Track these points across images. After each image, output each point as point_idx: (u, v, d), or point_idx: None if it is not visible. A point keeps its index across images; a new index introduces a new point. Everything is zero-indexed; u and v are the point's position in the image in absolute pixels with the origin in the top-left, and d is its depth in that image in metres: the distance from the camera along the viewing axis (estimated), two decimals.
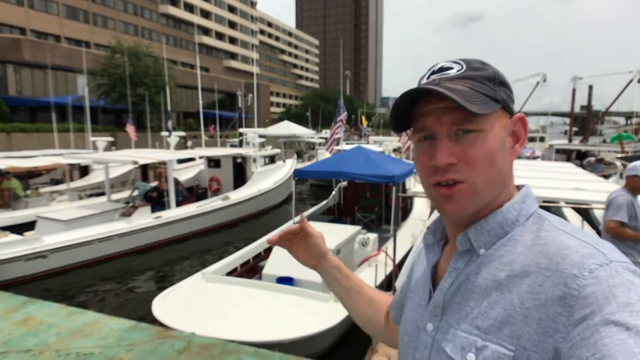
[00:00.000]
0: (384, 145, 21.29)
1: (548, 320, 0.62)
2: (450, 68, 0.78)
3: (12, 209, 11.99)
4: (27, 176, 15.48)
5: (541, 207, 0.81)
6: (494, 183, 0.75)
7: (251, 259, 8.24)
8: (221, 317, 5.39)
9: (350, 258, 7.89)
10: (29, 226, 10.70)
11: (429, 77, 0.80)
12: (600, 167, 19.23)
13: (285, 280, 6.59)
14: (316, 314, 5.43)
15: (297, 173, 10.14)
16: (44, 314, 3.98)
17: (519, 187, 0.83)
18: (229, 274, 7.41)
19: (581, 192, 5.61)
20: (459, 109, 0.72)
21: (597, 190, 5.68)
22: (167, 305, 5.79)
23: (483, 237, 0.76)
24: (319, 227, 7.80)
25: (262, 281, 6.60)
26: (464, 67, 0.78)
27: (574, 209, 8.73)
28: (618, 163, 15.85)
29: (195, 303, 5.88)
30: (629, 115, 34.40)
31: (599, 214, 8.84)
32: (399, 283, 6.04)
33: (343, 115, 13.49)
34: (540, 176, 7.20)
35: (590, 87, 35.47)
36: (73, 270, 9.27)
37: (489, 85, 0.76)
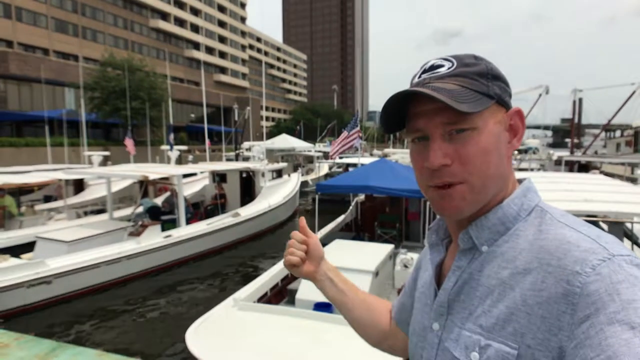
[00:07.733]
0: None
1: (552, 318, 0.60)
2: (441, 66, 0.77)
3: (6, 229, 11.06)
4: (18, 193, 14.51)
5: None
6: (492, 181, 0.73)
7: (279, 281, 7.55)
8: (269, 353, 4.67)
9: (389, 280, 7.25)
10: (25, 248, 9.82)
11: (420, 76, 0.78)
12: None
13: (324, 307, 5.91)
14: None
15: (319, 187, 9.53)
16: None
17: (520, 181, 0.80)
18: (260, 299, 6.72)
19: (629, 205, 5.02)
20: (450, 109, 0.69)
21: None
22: (202, 338, 5.06)
23: (484, 234, 0.74)
24: (345, 246, 7.14)
25: (297, 308, 5.93)
26: (455, 63, 0.76)
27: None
28: None
29: (233, 336, 5.16)
30: (624, 128, 34.77)
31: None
32: None
33: (357, 129, 13.03)
34: (574, 188, 6.54)
35: (580, 100, 36.21)
36: (79, 297, 8.39)
37: (481, 81, 0.74)
